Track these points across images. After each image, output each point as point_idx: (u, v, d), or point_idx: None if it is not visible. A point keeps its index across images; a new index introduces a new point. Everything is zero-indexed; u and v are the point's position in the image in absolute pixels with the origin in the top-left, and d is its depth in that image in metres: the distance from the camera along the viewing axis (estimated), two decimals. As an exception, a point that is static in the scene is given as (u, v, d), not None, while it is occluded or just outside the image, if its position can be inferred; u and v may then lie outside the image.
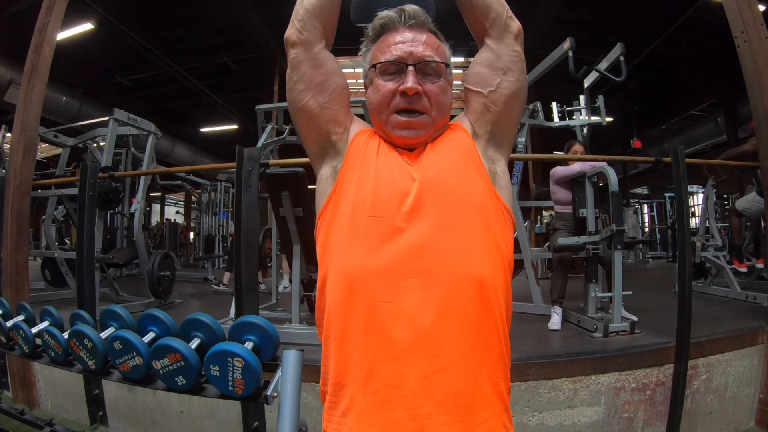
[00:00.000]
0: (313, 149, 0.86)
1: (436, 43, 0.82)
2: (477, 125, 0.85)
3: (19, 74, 4.67)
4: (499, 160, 0.84)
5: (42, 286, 4.69)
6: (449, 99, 0.83)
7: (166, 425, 2.29)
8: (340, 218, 0.75)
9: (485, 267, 0.71)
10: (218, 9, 6.52)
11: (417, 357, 0.65)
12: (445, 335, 0.66)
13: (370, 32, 0.85)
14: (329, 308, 0.73)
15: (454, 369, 0.66)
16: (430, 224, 0.71)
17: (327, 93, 0.83)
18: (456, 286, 0.68)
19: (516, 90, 0.83)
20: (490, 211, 0.76)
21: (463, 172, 0.78)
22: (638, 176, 14.02)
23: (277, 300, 3.70)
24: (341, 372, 0.69)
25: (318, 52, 0.83)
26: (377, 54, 0.82)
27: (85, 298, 2.41)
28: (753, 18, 2.54)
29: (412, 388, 0.64)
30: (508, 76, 0.83)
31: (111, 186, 3.56)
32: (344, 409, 0.68)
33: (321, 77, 0.82)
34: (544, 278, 5.24)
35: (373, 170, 0.77)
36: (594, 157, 3.10)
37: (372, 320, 0.67)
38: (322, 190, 0.82)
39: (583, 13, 6.56)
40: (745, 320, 2.83)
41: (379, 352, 0.66)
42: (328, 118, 0.83)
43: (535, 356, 2.23)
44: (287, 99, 0.86)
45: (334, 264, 0.74)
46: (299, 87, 0.83)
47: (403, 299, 0.67)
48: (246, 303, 1.94)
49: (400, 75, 0.79)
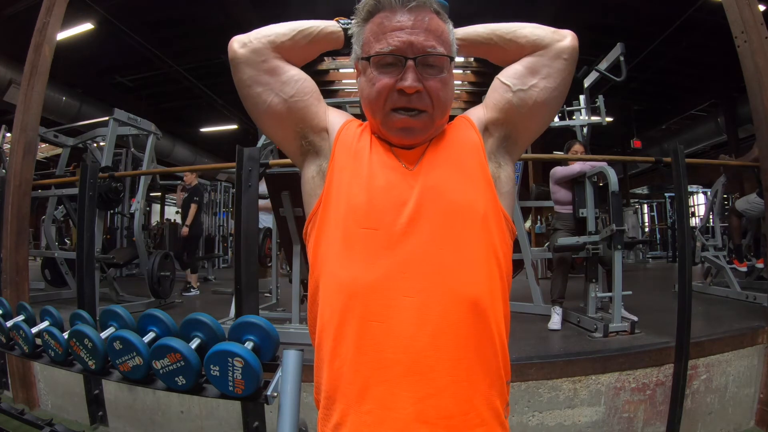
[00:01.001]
0: (292, 148, 0.80)
1: (439, 27, 0.72)
2: (492, 123, 0.78)
3: (19, 74, 4.67)
4: (506, 165, 0.78)
5: (42, 286, 4.69)
6: (451, 93, 0.75)
7: (166, 425, 2.29)
8: (332, 226, 0.71)
9: (484, 285, 0.68)
10: (218, 9, 6.52)
11: (412, 381, 0.63)
12: (440, 358, 0.63)
13: (362, 9, 0.74)
14: (321, 319, 0.70)
15: (449, 391, 0.63)
16: (428, 238, 0.67)
17: (291, 85, 0.76)
18: (452, 307, 0.65)
19: (549, 99, 0.76)
20: (492, 222, 0.72)
21: (466, 181, 0.72)
22: (638, 176, 14.03)
23: (277, 300, 3.70)
24: (333, 387, 0.67)
25: (269, 62, 0.76)
26: (371, 39, 0.72)
27: (85, 298, 2.41)
28: (753, 18, 2.54)
29: (406, 411, 0.62)
30: (547, 81, 0.75)
31: (111, 186, 3.56)
32: (336, 423, 0.66)
33: (278, 73, 0.76)
34: (544, 278, 5.24)
35: (367, 173, 0.72)
36: (594, 157, 3.10)
37: (365, 339, 0.65)
38: (310, 191, 0.78)
39: (583, 13, 6.55)
40: (745, 320, 2.83)
41: (373, 373, 0.64)
42: (300, 114, 0.77)
43: (535, 356, 2.23)
44: (249, 114, 0.79)
45: (327, 274, 0.70)
46: (256, 90, 0.76)
47: (397, 319, 0.64)
48: (246, 303, 1.94)
49: (397, 68, 0.70)
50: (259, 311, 2.16)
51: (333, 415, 0.67)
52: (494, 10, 5.36)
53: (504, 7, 5.64)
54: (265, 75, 0.76)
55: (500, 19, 0.85)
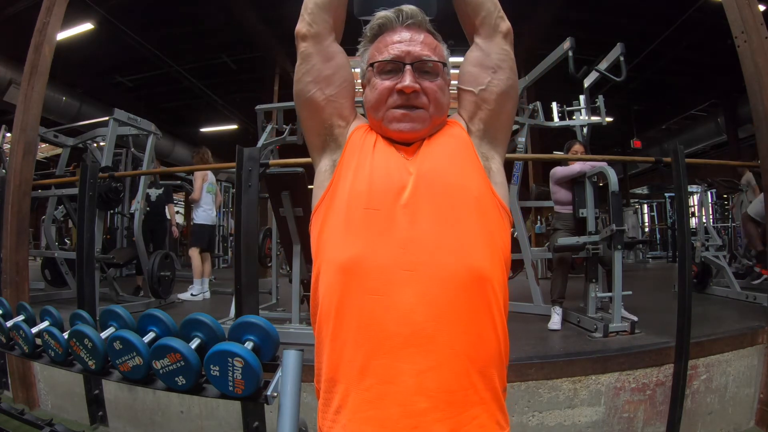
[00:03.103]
0: (315, 142, 0.86)
1: (433, 42, 0.83)
2: (471, 123, 0.85)
3: (19, 74, 4.67)
4: (494, 157, 0.84)
5: (42, 286, 4.69)
6: (447, 98, 0.83)
7: (166, 425, 2.29)
8: (336, 211, 0.75)
9: (482, 260, 0.70)
10: (218, 9, 6.52)
11: (411, 352, 0.64)
12: (440, 330, 0.65)
13: (368, 32, 0.85)
14: (322, 302, 0.72)
15: (449, 365, 0.65)
16: (426, 217, 0.71)
17: (334, 86, 0.83)
18: (451, 280, 0.67)
19: (506, 88, 0.84)
20: (487, 205, 0.76)
21: (460, 166, 0.78)
22: (638, 176, 14.03)
23: (277, 300, 3.70)
24: (334, 367, 0.69)
25: (328, 45, 0.83)
26: (375, 53, 0.83)
27: (85, 298, 2.42)
28: (753, 18, 2.54)
29: (406, 384, 0.64)
30: (498, 74, 0.83)
31: (111, 186, 3.55)
32: (337, 406, 0.67)
33: (330, 70, 0.83)
34: (544, 278, 5.24)
35: (369, 164, 0.77)
36: (594, 157, 3.10)
37: (366, 314, 0.67)
38: (320, 183, 0.82)
39: (583, 12, 6.56)
40: (745, 320, 2.83)
41: (373, 347, 0.65)
42: (332, 112, 0.84)
43: (535, 356, 2.23)
44: (294, 91, 0.86)
45: (328, 257, 0.73)
46: (307, 78, 0.83)
47: (397, 293, 0.66)
48: (246, 303, 1.95)
49: (397, 74, 0.79)
50: (259, 311, 2.16)
51: (334, 398, 0.68)
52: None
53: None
54: (321, 62, 0.83)
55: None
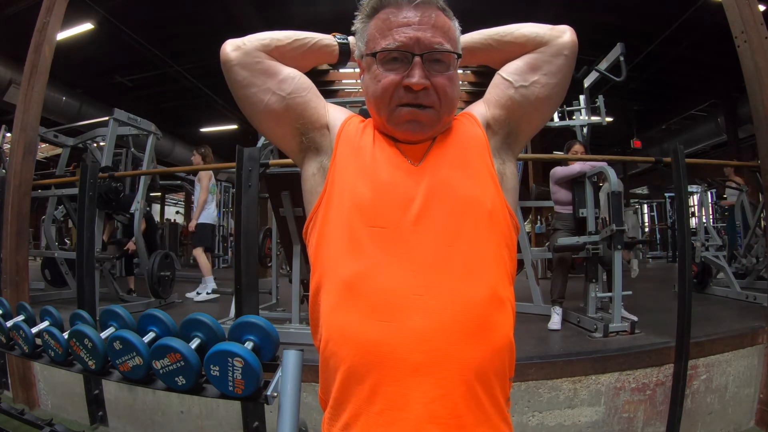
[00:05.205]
0: (291, 146, 0.79)
1: (446, 24, 0.71)
2: (494, 120, 0.77)
3: (19, 74, 4.67)
4: (510, 160, 0.78)
5: (42, 286, 4.68)
6: (458, 90, 0.74)
7: (166, 425, 2.29)
8: (335, 224, 0.69)
9: (494, 282, 0.67)
10: (218, 9, 6.51)
11: (422, 381, 0.61)
12: (450, 357, 0.62)
13: (366, 5, 0.73)
14: (326, 324, 0.69)
15: (459, 391, 0.62)
16: (437, 236, 0.66)
17: (288, 82, 0.75)
18: (463, 304, 0.64)
19: (551, 94, 0.76)
20: (499, 218, 0.71)
21: (473, 175, 0.71)
22: (638, 176, 14.02)
23: (277, 300, 3.69)
24: (342, 388, 0.66)
25: (263, 63, 0.75)
26: (376, 35, 0.71)
27: (85, 298, 2.42)
28: (753, 18, 2.53)
29: (417, 412, 0.61)
30: (548, 78, 0.75)
31: (111, 186, 3.55)
32: (345, 423, 0.65)
33: (273, 73, 0.75)
34: (544, 278, 5.24)
35: (370, 170, 0.70)
36: (594, 157, 3.10)
37: (374, 338, 0.63)
38: (311, 189, 0.76)
39: (583, 13, 6.55)
40: (745, 320, 2.83)
41: (383, 373, 0.62)
42: (299, 111, 0.76)
43: (535, 356, 2.23)
44: (246, 115, 0.78)
45: (331, 274, 0.69)
46: (251, 90, 0.74)
47: (407, 318, 0.63)
48: (246, 303, 1.94)
49: (404, 65, 0.69)
50: (259, 311, 2.16)
51: (342, 416, 0.66)
52: (494, 11, 5.36)
53: (504, 6, 5.64)
54: (261, 75, 0.75)
55: (500, 19, 0.85)
